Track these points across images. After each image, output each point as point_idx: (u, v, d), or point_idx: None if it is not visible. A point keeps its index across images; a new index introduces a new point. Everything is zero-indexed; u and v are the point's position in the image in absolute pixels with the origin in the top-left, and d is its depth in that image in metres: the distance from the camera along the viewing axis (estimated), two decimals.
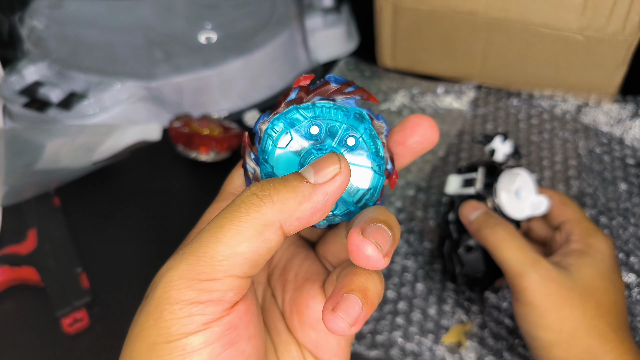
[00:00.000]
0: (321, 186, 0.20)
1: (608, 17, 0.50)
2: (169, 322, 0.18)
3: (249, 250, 0.19)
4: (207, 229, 0.19)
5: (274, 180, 0.20)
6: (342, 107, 0.23)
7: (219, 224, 0.19)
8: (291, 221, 0.20)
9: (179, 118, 0.54)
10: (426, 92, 0.60)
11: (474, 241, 0.39)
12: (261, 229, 0.19)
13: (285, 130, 0.23)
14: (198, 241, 0.19)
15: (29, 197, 0.50)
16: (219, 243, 0.19)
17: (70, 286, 0.43)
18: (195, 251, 0.19)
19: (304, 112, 0.23)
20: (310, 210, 0.20)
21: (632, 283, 0.42)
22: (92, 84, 0.56)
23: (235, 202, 0.20)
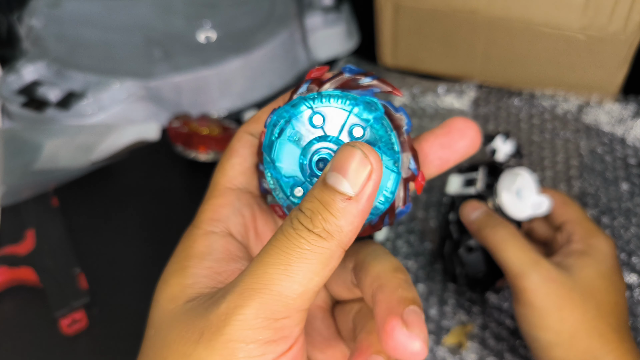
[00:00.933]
0: (362, 193, 0.19)
1: (609, 16, 0.50)
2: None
3: (319, 283, 0.19)
4: (273, 264, 0.19)
5: (318, 209, 0.19)
6: (351, 95, 0.21)
7: (286, 261, 0.18)
8: (350, 240, 0.19)
9: (178, 117, 0.54)
10: (427, 91, 0.60)
11: (474, 241, 0.39)
12: (327, 261, 0.19)
13: (286, 121, 0.21)
14: (267, 278, 0.18)
15: (27, 197, 0.50)
16: (293, 282, 0.18)
17: (68, 287, 0.43)
18: (267, 289, 0.18)
19: (309, 102, 0.21)
20: (361, 220, 0.19)
21: (634, 283, 0.42)
22: (90, 83, 0.55)
23: (293, 235, 0.19)
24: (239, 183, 0.25)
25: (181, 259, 0.23)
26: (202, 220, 0.24)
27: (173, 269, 0.22)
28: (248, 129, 0.25)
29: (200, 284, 0.21)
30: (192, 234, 0.24)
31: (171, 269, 0.23)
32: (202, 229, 0.23)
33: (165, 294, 0.21)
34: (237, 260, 0.23)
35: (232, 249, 0.23)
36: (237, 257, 0.23)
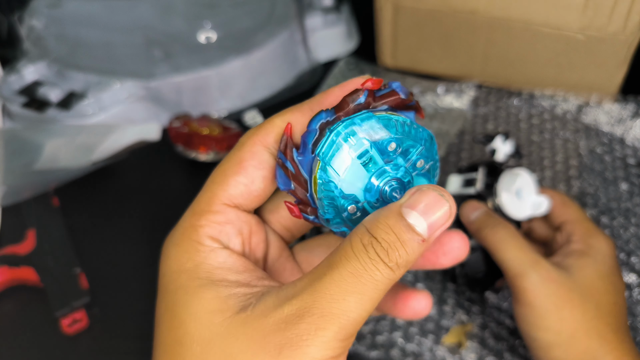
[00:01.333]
0: (430, 238, 0.21)
1: (609, 16, 0.50)
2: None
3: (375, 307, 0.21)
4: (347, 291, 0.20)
5: (395, 244, 0.20)
6: (419, 127, 0.22)
7: (361, 290, 0.20)
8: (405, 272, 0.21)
9: (179, 118, 0.54)
10: (427, 91, 0.60)
11: (474, 241, 0.39)
12: (387, 290, 0.21)
13: (362, 141, 0.21)
14: (344, 305, 0.20)
15: (28, 197, 0.50)
16: (363, 310, 0.20)
17: (69, 286, 0.43)
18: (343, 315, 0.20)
19: (383, 122, 0.21)
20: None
21: (633, 283, 0.42)
22: (91, 83, 0.55)
23: (367, 263, 0.20)
24: (239, 203, 0.24)
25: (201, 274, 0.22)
26: (202, 236, 0.23)
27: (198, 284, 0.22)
28: (265, 141, 0.23)
29: (238, 294, 0.21)
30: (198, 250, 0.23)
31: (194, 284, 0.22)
32: (207, 246, 0.23)
33: (204, 307, 0.21)
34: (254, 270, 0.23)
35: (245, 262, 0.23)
36: (252, 267, 0.23)
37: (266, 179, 0.23)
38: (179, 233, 0.24)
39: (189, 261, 0.23)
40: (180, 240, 0.23)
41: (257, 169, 0.23)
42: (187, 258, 0.23)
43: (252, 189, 0.23)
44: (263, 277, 0.23)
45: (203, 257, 0.23)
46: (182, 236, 0.23)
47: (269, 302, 0.20)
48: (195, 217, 0.23)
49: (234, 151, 0.24)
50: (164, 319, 0.22)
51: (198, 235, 0.23)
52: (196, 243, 0.23)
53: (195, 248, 0.23)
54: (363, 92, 0.21)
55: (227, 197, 0.23)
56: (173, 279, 0.22)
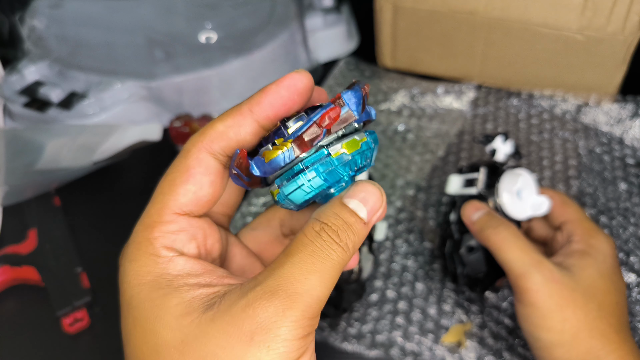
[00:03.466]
0: (370, 222, 0.23)
1: (608, 16, 0.50)
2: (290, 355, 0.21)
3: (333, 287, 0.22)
4: (309, 271, 0.21)
5: (343, 226, 0.22)
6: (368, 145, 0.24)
7: (321, 269, 0.21)
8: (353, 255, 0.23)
9: (180, 118, 0.54)
10: (426, 92, 0.60)
11: (475, 241, 0.39)
12: (340, 270, 0.22)
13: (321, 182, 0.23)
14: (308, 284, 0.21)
15: (30, 197, 0.50)
16: (324, 287, 0.21)
17: (70, 286, 0.43)
18: (307, 294, 0.21)
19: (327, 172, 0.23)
20: (362, 241, 0.24)
21: (632, 283, 0.43)
22: (92, 83, 0.56)
23: (323, 246, 0.22)
24: (189, 210, 0.24)
25: (162, 284, 0.22)
26: (157, 248, 0.23)
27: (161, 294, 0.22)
28: (209, 147, 0.23)
29: (200, 295, 0.22)
30: (156, 262, 0.23)
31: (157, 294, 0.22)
32: (163, 256, 0.23)
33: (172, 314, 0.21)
34: (214, 270, 0.24)
35: (202, 265, 0.24)
36: (210, 268, 0.24)
37: (214, 184, 0.24)
38: (133, 248, 0.24)
39: (148, 274, 0.23)
40: (137, 256, 0.23)
41: (204, 176, 0.23)
42: (146, 272, 0.23)
43: (201, 195, 0.24)
44: (224, 275, 0.23)
45: (162, 268, 0.23)
46: (138, 251, 0.23)
47: (233, 296, 0.21)
48: (147, 230, 0.24)
49: (180, 159, 0.24)
50: (133, 333, 0.22)
51: (154, 248, 0.23)
52: (153, 256, 0.23)
53: (152, 261, 0.23)
54: (322, 132, 0.22)
55: (177, 206, 0.24)
56: (135, 293, 0.23)
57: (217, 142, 0.23)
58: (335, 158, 0.23)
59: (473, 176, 0.41)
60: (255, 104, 0.23)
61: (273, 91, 0.23)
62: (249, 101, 0.23)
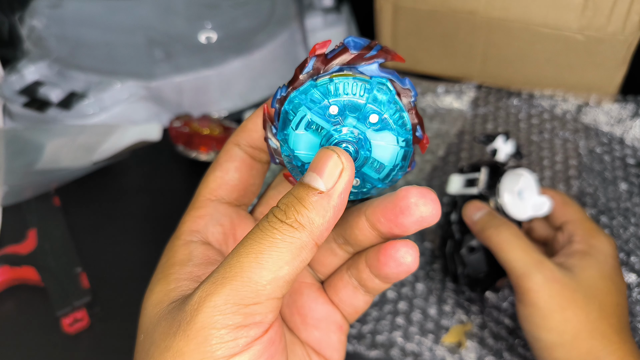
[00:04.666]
0: (333, 189, 0.20)
1: (608, 16, 0.50)
2: (215, 346, 0.19)
3: (290, 273, 0.20)
4: (245, 253, 0.20)
5: (292, 202, 0.20)
6: (363, 80, 0.21)
7: (258, 249, 0.20)
8: (322, 235, 0.21)
9: (179, 118, 0.54)
10: (426, 91, 0.60)
11: (476, 242, 0.39)
12: (298, 252, 0.20)
13: (304, 113, 0.21)
14: (238, 266, 0.20)
15: (29, 197, 0.50)
16: (262, 268, 0.19)
17: (70, 286, 0.43)
18: (237, 276, 0.19)
19: (322, 88, 0.21)
20: (334, 216, 0.21)
21: (633, 283, 0.42)
22: (92, 83, 0.56)
23: (266, 227, 0.20)
24: (219, 195, 0.26)
25: (164, 268, 0.24)
26: (183, 231, 0.25)
27: (157, 278, 0.24)
28: (236, 141, 0.26)
29: (182, 287, 0.22)
30: (174, 245, 0.25)
31: (155, 279, 0.24)
32: (182, 239, 0.25)
33: (151, 300, 0.23)
34: (216, 264, 0.24)
35: (210, 254, 0.24)
36: (215, 260, 0.24)
37: (239, 170, 0.26)
38: (174, 233, 0.26)
39: (164, 256, 0.25)
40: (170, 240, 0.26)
41: (229, 162, 0.26)
42: (165, 253, 0.25)
43: (227, 179, 0.26)
44: None
45: (174, 250, 0.24)
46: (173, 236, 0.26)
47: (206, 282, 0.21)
48: (183, 216, 0.26)
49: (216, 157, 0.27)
50: None
51: (179, 231, 0.25)
52: (175, 238, 0.25)
53: (172, 243, 0.25)
54: (310, 59, 0.22)
55: (207, 192, 0.26)
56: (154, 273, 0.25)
57: (241, 135, 0.26)
58: (316, 82, 0.21)
59: (474, 176, 0.41)
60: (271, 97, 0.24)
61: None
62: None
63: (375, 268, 0.23)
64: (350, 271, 0.25)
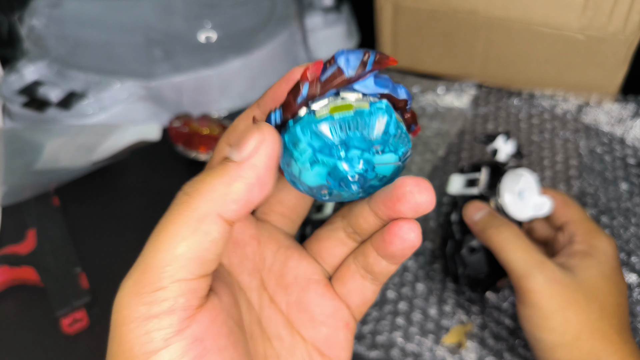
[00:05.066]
0: (247, 160, 0.19)
1: (609, 16, 0.50)
2: (130, 344, 0.18)
3: (190, 249, 0.18)
4: (148, 241, 0.19)
5: (203, 173, 0.20)
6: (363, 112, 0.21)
7: (156, 232, 0.19)
8: (227, 206, 0.19)
9: (179, 117, 0.54)
10: (427, 90, 0.60)
11: (477, 242, 0.39)
12: (196, 224, 0.19)
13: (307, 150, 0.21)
14: (141, 254, 0.19)
15: (29, 197, 0.50)
16: (158, 250, 0.18)
17: (69, 286, 0.43)
18: (139, 264, 0.19)
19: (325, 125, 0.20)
20: (244, 189, 0.19)
21: (633, 283, 0.42)
22: (91, 83, 0.55)
23: (170, 205, 0.19)
24: None
25: None
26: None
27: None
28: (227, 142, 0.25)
29: None
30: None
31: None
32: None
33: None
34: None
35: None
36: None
37: None
38: None
39: None
40: None
41: None
42: None
43: None
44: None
45: None
46: None
47: None
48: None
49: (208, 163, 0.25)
50: None
51: None
52: None
53: None
54: (303, 85, 0.21)
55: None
56: None
57: (232, 134, 0.24)
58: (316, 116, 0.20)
59: (474, 176, 0.41)
60: (261, 98, 0.24)
61: (275, 85, 0.23)
62: (263, 96, 0.24)
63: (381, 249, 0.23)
64: (357, 259, 0.25)
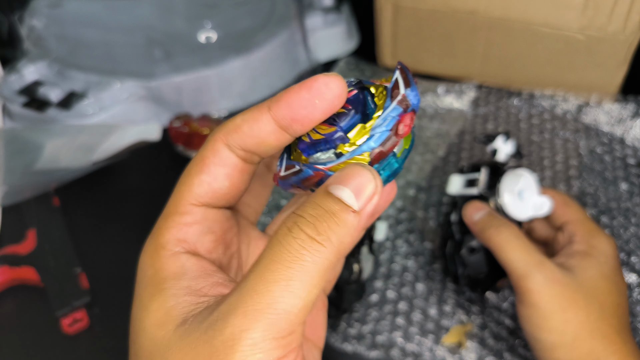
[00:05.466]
0: (364, 210, 0.19)
1: (609, 16, 0.50)
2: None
3: (317, 295, 0.19)
4: (274, 280, 0.18)
5: (323, 216, 0.19)
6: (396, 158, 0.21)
7: (287, 275, 0.18)
8: (345, 252, 0.20)
9: (179, 117, 0.54)
10: (427, 91, 0.60)
11: (477, 242, 0.39)
12: (325, 273, 0.19)
13: None
14: (269, 296, 0.18)
15: (29, 197, 0.50)
16: (294, 297, 0.18)
17: (69, 286, 0.43)
18: (271, 308, 0.18)
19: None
20: (358, 235, 0.20)
21: (633, 283, 0.42)
22: (91, 83, 0.56)
23: (293, 245, 0.18)
24: (205, 201, 0.23)
25: (154, 282, 0.21)
26: (168, 240, 0.22)
27: (149, 294, 0.21)
28: (225, 139, 0.22)
29: (182, 303, 0.20)
30: (159, 255, 0.22)
31: (146, 294, 0.21)
32: (168, 249, 0.22)
33: (150, 320, 0.20)
34: (213, 275, 0.22)
35: (204, 266, 0.22)
36: (211, 271, 0.22)
37: (231, 177, 0.23)
38: (148, 239, 0.23)
39: (150, 268, 0.22)
40: (147, 247, 0.23)
41: (218, 167, 0.22)
42: (150, 264, 0.22)
43: (216, 187, 0.23)
44: (219, 282, 0.22)
45: (162, 262, 0.22)
46: (150, 242, 0.23)
47: (205, 313, 0.19)
48: (162, 220, 0.23)
49: (199, 151, 0.23)
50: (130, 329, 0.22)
51: (163, 239, 0.22)
52: (159, 248, 0.22)
53: (157, 253, 0.22)
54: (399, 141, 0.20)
55: (193, 196, 0.23)
56: (137, 286, 0.22)
57: (233, 134, 0.22)
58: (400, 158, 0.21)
59: (474, 176, 0.41)
60: (274, 101, 0.21)
61: (294, 91, 0.21)
62: (271, 99, 0.22)
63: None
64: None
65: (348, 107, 0.21)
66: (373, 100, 0.21)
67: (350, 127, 0.21)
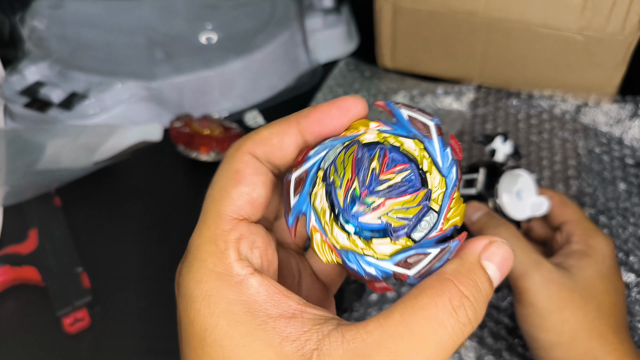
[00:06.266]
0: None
1: (607, 17, 0.50)
2: None
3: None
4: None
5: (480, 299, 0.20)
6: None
7: (444, 356, 0.19)
8: None
9: (180, 118, 0.54)
10: (426, 92, 0.60)
11: None
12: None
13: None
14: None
15: (30, 197, 0.50)
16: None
17: (71, 286, 0.43)
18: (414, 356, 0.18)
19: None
20: None
21: (632, 283, 0.43)
22: (93, 84, 0.56)
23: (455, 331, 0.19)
24: (247, 213, 0.22)
25: (241, 316, 0.20)
26: (228, 262, 0.20)
27: (244, 331, 0.19)
28: (252, 150, 0.22)
29: (290, 337, 0.19)
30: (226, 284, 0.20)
31: (239, 333, 0.19)
32: (234, 275, 0.20)
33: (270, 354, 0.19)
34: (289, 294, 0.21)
35: (274, 288, 0.21)
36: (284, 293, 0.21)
37: (265, 185, 0.22)
38: (197, 266, 0.21)
39: (221, 301, 0.20)
40: (203, 275, 0.20)
41: (254, 176, 0.22)
42: (219, 297, 0.20)
43: (255, 196, 0.22)
44: (300, 301, 0.20)
45: (236, 292, 0.20)
46: (204, 269, 0.20)
47: (335, 351, 0.18)
48: (210, 243, 0.21)
49: (225, 165, 0.22)
50: None
51: (225, 265, 0.20)
52: (224, 276, 0.20)
53: (225, 283, 0.20)
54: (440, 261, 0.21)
55: (234, 210, 0.21)
56: (211, 326, 0.20)
57: (260, 146, 0.22)
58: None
59: (472, 177, 0.41)
60: (303, 116, 0.22)
61: (324, 108, 0.22)
62: (298, 113, 0.22)
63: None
64: None
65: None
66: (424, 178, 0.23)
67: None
